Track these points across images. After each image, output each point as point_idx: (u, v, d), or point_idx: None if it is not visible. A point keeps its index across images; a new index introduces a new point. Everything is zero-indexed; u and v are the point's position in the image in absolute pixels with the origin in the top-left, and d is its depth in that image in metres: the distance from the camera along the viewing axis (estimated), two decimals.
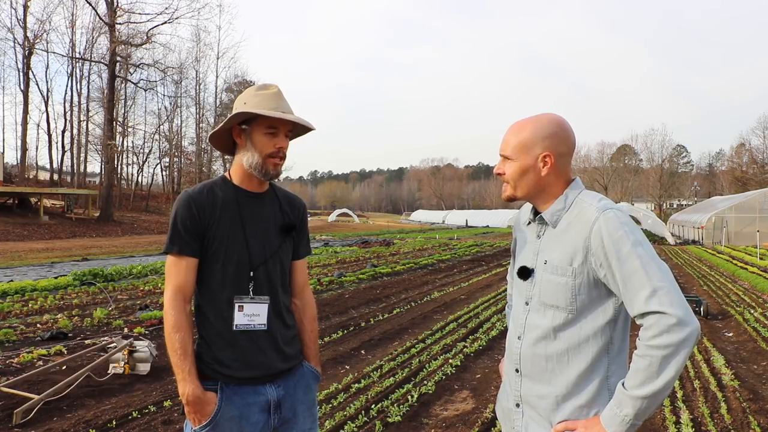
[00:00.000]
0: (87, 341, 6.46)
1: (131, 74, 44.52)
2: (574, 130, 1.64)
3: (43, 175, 51.86)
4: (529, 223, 1.70)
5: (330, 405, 4.43)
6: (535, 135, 1.58)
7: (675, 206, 64.05)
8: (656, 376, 1.35)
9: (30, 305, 8.87)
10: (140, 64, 43.60)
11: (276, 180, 1.95)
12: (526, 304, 1.63)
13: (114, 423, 4.07)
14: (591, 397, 1.51)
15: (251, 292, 1.84)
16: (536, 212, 1.67)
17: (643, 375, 1.36)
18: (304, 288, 2.05)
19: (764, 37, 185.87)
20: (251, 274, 1.84)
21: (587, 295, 1.51)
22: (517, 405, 1.64)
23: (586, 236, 1.49)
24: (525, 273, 1.63)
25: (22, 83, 44.23)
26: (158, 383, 5.06)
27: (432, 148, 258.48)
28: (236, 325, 1.81)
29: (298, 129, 1.93)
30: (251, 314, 1.83)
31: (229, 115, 1.85)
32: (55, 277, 12.04)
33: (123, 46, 40.55)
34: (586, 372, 1.51)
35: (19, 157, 45.64)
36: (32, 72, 45.04)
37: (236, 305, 1.81)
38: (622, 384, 1.42)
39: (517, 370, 1.63)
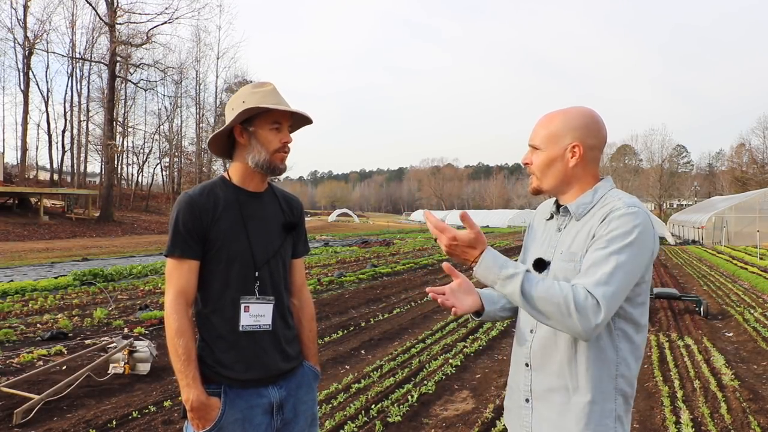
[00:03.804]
0: (87, 341, 6.46)
1: (131, 74, 44.49)
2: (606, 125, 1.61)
3: (44, 175, 51.85)
4: (551, 217, 1.68)
5: (330, 405, 4.43)
6: (565, 125, 1.57)
7: (675, 206, 64.00)
8: (545, 306, 1.37)
9: (30, 305, 8.87)
10: (140, 64, 43.57)
11: (275, 180, 1.95)
12: None
13: (114, 423, 4.07)
14: (601, 394, 1.48)
15: (257, 293, 1.82)
16: (558, 206, 1.64)
17: (547, 295, 1.36)
18: (302, 287, 2.04)
19: (764, 36, 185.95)
20: (256, 274, 1.82)
21: None
22: (527, 400, 1.60)
23: (601, 219, 1.48)
24: (541, 265, 1.60)
25: (22, 83, 44.18)
26: (158, 383, 5.06)
27: (432, 148, 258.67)
28: (242, 326, 1.79)
29: (296, 123, 1.93)
30: (257, 315, 1.81)
31: (229, 115, 1.82)
32: (55, 277, 12.04)
33: (123, 46, 40.52)
34: (596, 368, 1.48)
35: (19, 157, 45.58)
36: (32, 72, 45.01)
37: (242, 306, 1.79)
38: (525, 275, 1.40)
39: (527, 365, 1.60)
